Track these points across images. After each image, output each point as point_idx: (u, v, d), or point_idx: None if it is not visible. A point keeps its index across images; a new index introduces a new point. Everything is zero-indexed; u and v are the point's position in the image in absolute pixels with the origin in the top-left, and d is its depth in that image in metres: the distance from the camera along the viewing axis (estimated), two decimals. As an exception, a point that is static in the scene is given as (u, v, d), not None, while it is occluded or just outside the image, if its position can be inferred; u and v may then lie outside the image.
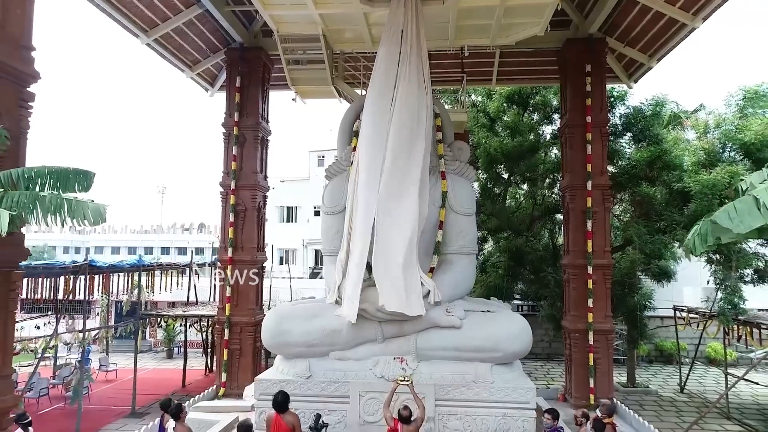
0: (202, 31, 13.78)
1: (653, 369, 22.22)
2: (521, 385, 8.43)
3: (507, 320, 8.72)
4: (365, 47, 12.59)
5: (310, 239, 35.97)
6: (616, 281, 15.77)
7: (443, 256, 9.60)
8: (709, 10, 11.27)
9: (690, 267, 18.25)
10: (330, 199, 10.07)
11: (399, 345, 8.78)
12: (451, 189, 9.71)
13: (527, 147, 16.33)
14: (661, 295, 19.05)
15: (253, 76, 14.12)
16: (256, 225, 13.87)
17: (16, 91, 5.91)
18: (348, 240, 8.73)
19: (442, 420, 8.36)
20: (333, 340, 8.79)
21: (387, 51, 9.75)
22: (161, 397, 17.37)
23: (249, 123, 13.92)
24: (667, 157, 15.18)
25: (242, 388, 12.83)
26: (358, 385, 8.54)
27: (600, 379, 12.56)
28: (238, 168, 13.77)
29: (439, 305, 8.79)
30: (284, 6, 10.91)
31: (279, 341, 8.82)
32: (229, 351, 13.37)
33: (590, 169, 12.94)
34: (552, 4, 10.33)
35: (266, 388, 8.63)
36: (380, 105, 9.36)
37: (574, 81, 13.42)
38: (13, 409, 6.06)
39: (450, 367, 8.60)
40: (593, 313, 12.59)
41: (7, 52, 5.74)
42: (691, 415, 15.59)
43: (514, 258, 16.89)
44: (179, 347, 25.40)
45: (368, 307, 8.55)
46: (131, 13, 12.06)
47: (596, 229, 12.85)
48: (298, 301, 10.20)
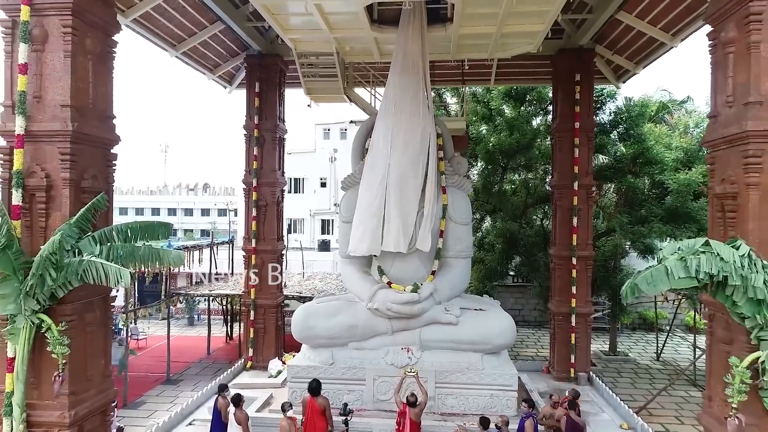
0: (222, 40, 14.97)
1: (636, 336, 24.14)
2: (506, 372, 10.25)
3: (496, 319, 10.46)
4: (373, 58, 13.78)
5: (316, 209, 37.63)
6: (600, 264, 17.49)
7: (443, 259, 11.24)
8: (687, 33, 12.48)
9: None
10: (346, 209, 11.62)
11: (406, 337, 10.56)
12: (451, 202, 11.25)
13: (524, 143, 17.70)
14: (648, 270, 20.79)
15: (271, 81, 15.40)
16: (276, 218, 15.46)
17: (104, 154, 7.41)
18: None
19: (441, 399, 10.21)
20: (351, 333, 10.57)
21: (395, 80, 11.06)
22: (190, 365, 19.55)
23: (268, 125, 15.30)
24: (650, 153, 16.58)
25: (266, 361, 14.76)
26: (372, 370, 10.36)
27: (579, 355, 14.44)
28: (259, 167, 15.22)
29: (440, 304, 10.52)
30: (302, 31, 12.12)
31: (307, 334, 10.63)
32: (255, 330, 15.22)
33: (577, 170, 14.39)
34: (544, 30, 11.53)
35: (297, 372, 10.49)
36: (388, 125, 10.80)
37: (564, 88, 14.70)
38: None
39: (448, 356, 10.39)
40: (576, 299, 14.34)
41: (98, 125, 7.18)
42: (663, 381, 17.51)
43: (508, 242, 18.55)
44: (199, 315, 27.43)
45: (380, 306, 10.30)
46: (162, 32, 13.28)
47: (580, 225, 14.42)
48: (322, 298, 11.84)
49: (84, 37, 6.90)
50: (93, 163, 7.11)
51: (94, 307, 7.16)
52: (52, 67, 6.71)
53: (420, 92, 11.01)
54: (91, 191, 6.99)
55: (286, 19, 11.26)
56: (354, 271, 11.25)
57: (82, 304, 6.89)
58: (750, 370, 5.78)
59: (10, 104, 6.76)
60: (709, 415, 6.59)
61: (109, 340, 7.48)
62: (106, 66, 7.38)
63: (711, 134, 6.83)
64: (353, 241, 10.66)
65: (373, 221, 10.41)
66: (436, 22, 11.43)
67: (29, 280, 6.21)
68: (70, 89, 6.68)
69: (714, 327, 6.61)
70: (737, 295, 5.67)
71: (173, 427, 11.02)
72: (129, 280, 6.14)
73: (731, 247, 5.77)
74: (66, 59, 6.69)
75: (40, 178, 6.63)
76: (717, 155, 6.71)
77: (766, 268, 5.65)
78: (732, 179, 6.27)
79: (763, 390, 5.82)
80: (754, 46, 6.01)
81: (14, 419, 6.51)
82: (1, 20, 6.83)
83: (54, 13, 6.67)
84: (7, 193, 6.64)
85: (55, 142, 6.65)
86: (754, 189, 5.98)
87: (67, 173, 6.67)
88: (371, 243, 10.42)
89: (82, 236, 6.66)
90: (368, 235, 10.40)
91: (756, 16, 5.98)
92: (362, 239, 10.47)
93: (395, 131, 10.70)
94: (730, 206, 6.28)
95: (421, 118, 10.74)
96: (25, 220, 6.66)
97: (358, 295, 10.90)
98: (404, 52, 11.07)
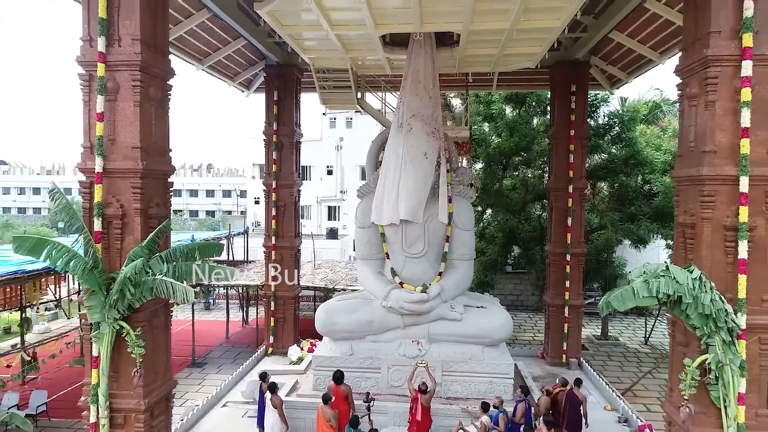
0: (243, 52, 16.09)
1: (627, 321, 25.68)
2: (504, 362, 11.72)
3: (495, 316, 11.89)
4: (384, 71, 14.97)
5: (323, 197, 38.97)
6: (593, 257, 18.89)
7: (449, 261, 12.61)
8: (672, 54, 13.62)
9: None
10: (362, 216, 12.93)
11: (416, 331, 12.01)
12: (456, 211, 12.57)
13: (523, 146, 18.95)
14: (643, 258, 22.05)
15: (288, 89, 16.57)
16: (294, 216, 16.80)
17: (164, 184, 8.72)
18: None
19: (446, 385, 11.69)
20: (368, 328, 12.02)
21: (406, 98, 12.26)
22: (212, 348, 21.09)
23: (286, 131, 16.52)
24: (640, 155, 17.84)
25: (286, 348, 16.25)
26: (387, 360, 11.82)
27: (571, 342, 15.92)
28: (278, 170, 16.50)
29: (446, 303, 11.94)
30: (321, 51, 13.26)
31: (329, 329, 12.08)
32: (275, 319, 16.70)
33: (572, 174, 15.66)
34: (542, 51, 12.67)
35: (321, 362, 11.99)
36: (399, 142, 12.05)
37: (561, 98, 15.89)
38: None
39: (453, 348, 11.83)
40: (569, 292, 15.75)
41: (159, 160, 8.45)
42: (649, 364, 19.06)
43: (507, 236, 19.94)
44: (214, 300, 28.99)
45: (394, 304, 11.73)
46: (191, 50, 14.45)
47: (574, 224, 15.75)
48: (342, 296, 13.24)
49: (148, 87, 8.14)
50: (156, 192, 8.43)
51: (159, 313, 8.57)
52: (123, 114, 7.97)
53: (430, 111, 12.21)
54: (156, 217, 8.34)
55: (306, 43, 12.42)
56: (370, 272, 12.64)
57: (151, 311, 8.28)
58: (699, 369, 7.19)
59: (89, 146, 8.04)
60: (670, 403, 8.02)
61: (169, 339, 8.90)
62: (164, 108, 8.65)
63: (677, 171, 8.12)
64: (375, 214, 12.05)
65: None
66: (443, 45, 12.61)
67: (113, 295, 7.58)
68: (139, 133, 7.96)
69: (675, 332, 7.99)
70: (690, 310, 7.04)
71: (211, 408, 12.56)
72: (193, 297, 7.52)
73: (686, 271, 7.13)
74: (135, 107, 7.95)
75: (116, 208, 7.95)
76: (681, 189, 8.01)
77: (713, 289, 7.01)
78: (691, 212, 7.57)
79: (709, 385, 7.23)
80: (710, 105, 7.25)
81: (99, 406, 7.97)
82: (80, 75, 8.06)
83: (125, 69, 7.90)
84: (89, 221, 7.97)
85: (128, 178, 7.95)
86: (707, 222, 7.30)
87: (138, 203, 7.99)
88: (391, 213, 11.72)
89: (151, 256, 8.01)
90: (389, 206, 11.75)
91: (713, 79, 7.21)
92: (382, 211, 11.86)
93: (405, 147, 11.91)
94: (689, 234, 7.60)
95: (431, 135, 11.95)
96: (104, 243, 8.00)
97: (374, 293, 12.31)
98: (415, 74, 12.24)
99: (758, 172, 7.12)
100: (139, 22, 7.86)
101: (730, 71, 7.16)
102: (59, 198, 7.95)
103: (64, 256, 7.54)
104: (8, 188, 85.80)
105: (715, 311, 6.91)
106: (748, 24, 6.99)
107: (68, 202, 8.14)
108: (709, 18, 7.23)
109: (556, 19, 9.87)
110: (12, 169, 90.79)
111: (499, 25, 10.14)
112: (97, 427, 7.99)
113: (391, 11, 9.80)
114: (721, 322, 6.93)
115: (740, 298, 7.10)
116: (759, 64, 7.07)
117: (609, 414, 12.26)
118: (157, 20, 8.31)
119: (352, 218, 37.55)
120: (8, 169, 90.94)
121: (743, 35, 7.03)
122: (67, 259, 7.53)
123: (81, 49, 8.06)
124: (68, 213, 7.94)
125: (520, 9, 9.02)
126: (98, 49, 7.79)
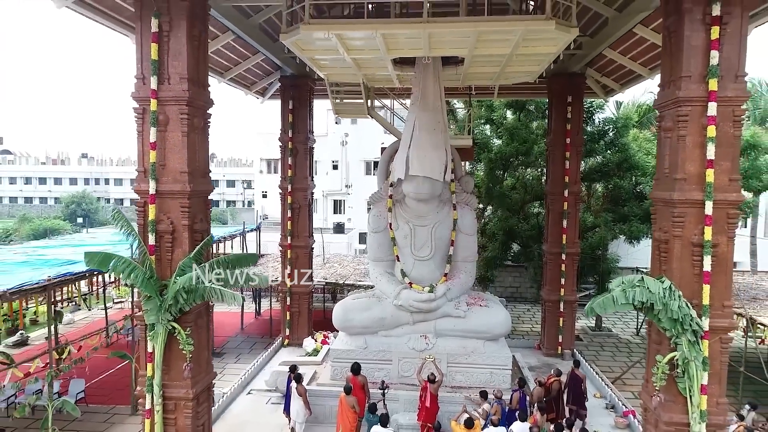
0: (260, 65, 17.23)
1: (620, 313, 26.94)
2: (503, 354, 13.03)
3: (496, 313, 13.17)
4: (393, 84, 16.07)
5: (329, 191, 40.13)
6: (588, 254, 20.13)
7: (453, 263, 13.85)
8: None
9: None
10: (374, 222, 14.14)
11: (424, 327, 13.31)
12: (460, 217, 13.78)
13: (522, 151, 20.10)
14: (636, 254, 23.26)
15: (302, 98, 17.70)
16: (308, 217, 18.02)
17: (205, 201, 9.92)
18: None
19: (451, 375, 13.00)
20: (381, 324, 13.31)
21: (415, 114, 13.39)
22: (228, 339, 22.41)
23: (300, 138, 17.69)
24: (632, 160, 18.99)
25: (301, 339, 17.56)
26: (397, 353, 13.13)
27: (565, 335, 17.23)
28: (293, 174, 17.68)
29: (451, 301, 13.22)
30: (335, 69, 14.35)
31: (346, 325, 13.40)
32: (291, 313, 17.99)
33: (567, 179, 16.84)
34: (540, 69, 13.77)
35: (338, 354, 13.31)
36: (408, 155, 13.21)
37: (557, 108, 17.02)
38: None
39: (457, 342, 13.13)
40: (564, 289, 17.01)
41: (201, 181, 9.62)
42: (639, 354, 20.31)
43: (507, 234, 21.17)
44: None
45: (404, 303, 13.01)
46: (214, 65, 15.56)
47: (569, 226, 16.98)
48: (356, 295, 14.45)
49: (193, 118, 9.31)
50: (199, 209, 9.64)
51: (202, 314, 9.84)
52: (173, 143, 9.16)
53: (437, 125, 13.34)
54: (200, 231, 9.57)
55: (323, 62, 13.51)
56: (381, 273, 13.90)
57: (196, 313, 9.55)
58: (669, 364, 8.46)
59: (143, 170, 9.24)
60: (646, 392, 9.30)
61: (211, 336, 10.17)
62: (205, 134, 9.84)
63: (654, 193, 9.31)
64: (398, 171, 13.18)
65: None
66: (448, 64, 13.72)
67: (167, 300, 8.83)
68: (186, 159, 9.15)
69: (651, 332, 9.25)
70: (661, 314, 8.28)
71: (237, 396, 13.89)
72: (241, 301, 8.77)
73: (658, 281, 8.36)
74: (183, 137, 9.13)
75: (167, 225, 9.17)
76: (658, 209, 9.19)
77: (680, 297, 8.25)
78: (665, 229, 8.78)
79: (677, 378, 8.50)
80: (681, 138, 8.43)
81: (154, 395, 9.26)
82: (134, 108, 9.23)
83: (174, 104, 9.07)
84: (143, 236, 9.20)
85: (177, 198, 9.16)
86: (677, 239, 8.52)
87: (186, 221, 9.20)
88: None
89: (197, 266, 9.25)
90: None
91: (684, 117, 8.38)
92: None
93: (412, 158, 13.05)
94: (664, 248, 8.81)
95: (438, 148, 13.10)
96: (156, 255, 9.24)
97: (385, 292, 13.57)
98: (423, 91, 13.38)
99: (721, 197, 8.31)
100: (186, 62, 9.02)
101: (698, 110, 8.32)
102: (120, 219, 9.16)
103: (126, 268, 8.77)
104: (15, 178, 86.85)
105: (682, 316, 8.16)
106: (714, 71, 8.14)
107: (129, 223, 9.33)
108: (682, 64, 8.38)
109: (553, 46, 10.98)
110: (17, 158, 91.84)
111: (501, 50, 11.24)
112: (152, 412, 9.29)
113: (403, 40, 10.91)
114: (686, 325, 8.18)
115: (704, 305, 8.34)
116: (722, 105, 8.24)
117: (597, 401, 13.59)
118: (199, 60, 9.45)
119: (357, 212, 39.08)
120: (14, 158, 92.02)
121: (709, 80, 8.19)
122: (129, 270, 8.76)
123: (135, 86, 9.22)
124: (129, 231, 9.17)
125: (519, 39, 10.13)
126: (151, 87, 8.96)
